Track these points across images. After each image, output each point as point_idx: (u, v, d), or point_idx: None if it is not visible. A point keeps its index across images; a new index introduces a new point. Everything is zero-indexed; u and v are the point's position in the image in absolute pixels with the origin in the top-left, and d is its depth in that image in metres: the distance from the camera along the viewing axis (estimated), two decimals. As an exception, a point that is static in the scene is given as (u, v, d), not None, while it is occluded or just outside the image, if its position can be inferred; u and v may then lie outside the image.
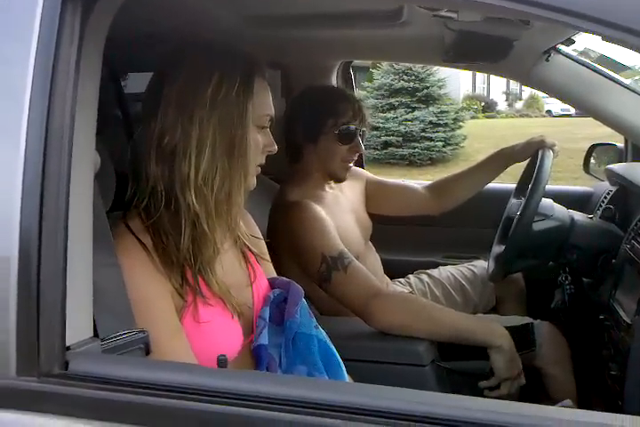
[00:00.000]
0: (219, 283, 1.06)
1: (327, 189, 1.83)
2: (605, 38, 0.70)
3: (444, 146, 12.02)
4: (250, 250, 1.20)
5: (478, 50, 1.69)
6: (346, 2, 1.51)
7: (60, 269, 0.70)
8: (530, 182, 1.68)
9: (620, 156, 2.17)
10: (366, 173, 2.12)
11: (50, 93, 0.73)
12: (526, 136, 1.99)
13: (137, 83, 1.99)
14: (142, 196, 1.04)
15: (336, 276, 1.54)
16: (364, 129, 1.80)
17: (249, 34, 1.69)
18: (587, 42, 2.14)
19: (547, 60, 1.83)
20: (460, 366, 1.54)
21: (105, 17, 0.83)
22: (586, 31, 0.68)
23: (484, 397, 1.49)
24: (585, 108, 1.94)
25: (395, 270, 2.08)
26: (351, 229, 1.82)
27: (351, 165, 1.82)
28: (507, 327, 1.54)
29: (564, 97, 2.03)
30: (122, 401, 0.69)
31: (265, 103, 1.09)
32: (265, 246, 1.29)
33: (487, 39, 1.57)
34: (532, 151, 1.86)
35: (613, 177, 1.89)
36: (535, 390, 1.69)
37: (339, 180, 1.82)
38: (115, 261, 0.91)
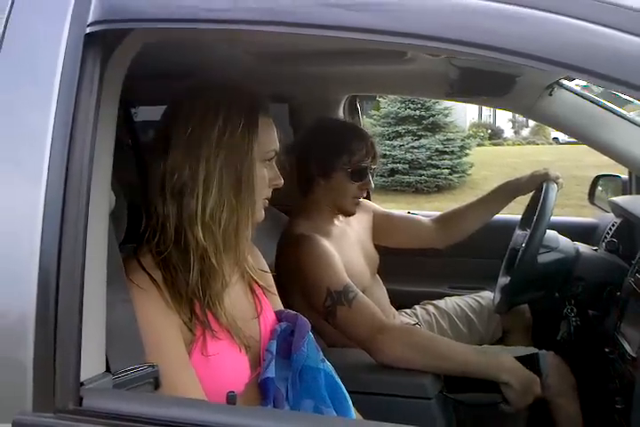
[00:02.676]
0: (226, 316, 1.08)
1: (335, 222, 1.86)
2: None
3: (450, 173, 12.07)
4: (257, 283, 1.22)
5: (481, 85, 1.73)
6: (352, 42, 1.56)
7: (76, 307, 0.73)
8: (534, 214, 1.70)
9: (625, 187, 2.20)
10: (373, 205, 2.15)
11: (70, 138, 0.76)
12: (533, 163, 2.03)
13: (147, 112, 2.04)
14: (153, 232, 1.07)
15: (341, 310, 1.55)
16: (375, 166, 1.84)
17: (259, 70, 1.75)
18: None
19: (550, 94, 1.88)
20: (467, 398, 1.54)
21: (123, 62, 0.87)
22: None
23: (492, 429, 1.50)
24: (588, 142, 1.97)
25: (401, 301, 2.09)
26: (358, 262, 1.84)
27: (360, 200, 1.85)
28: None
29: (567, 130, 2.07)
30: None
31: (270, 139, 1.12)
32: (272, 280, 1.31)
33: (490, 75, 1.61)
34: (537, 184, 1.88)
35: (617, 209, 1.91)
36: (543, 421, 1.68)
37: (348, 214, 1.85)
38: (127, 296, 0.94)
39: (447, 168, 12.04)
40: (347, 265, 1.68)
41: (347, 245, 1.81)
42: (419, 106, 12.11)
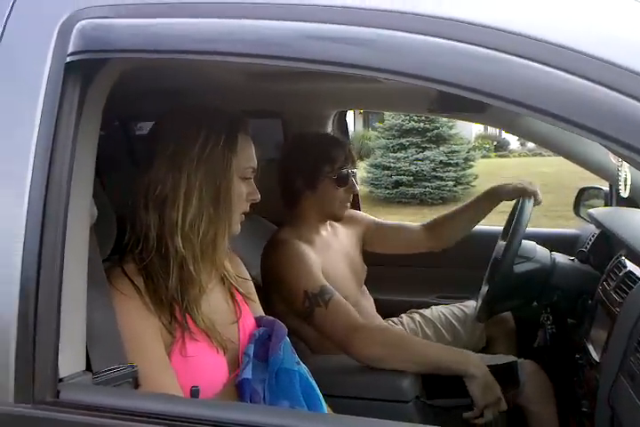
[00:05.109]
0: (204, 320, 1.15)
1: (322, 232, 1.93)
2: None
3: (455, 185, 12.10)
4: (237, 290, 1.30)
5: (461, 102, 1.80)
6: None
7: (55, 310, 0.81)
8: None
9: (607, 199, 2.26)
10: (363, 215, 2.21)
11: (51, 153, 0.84)
12: (538, 175, 2.08)
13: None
14: (137, 241, 1.15)
15: (318, 311, 1.62)
16: (355, 170, 1.92)
17: (250, 87, 1.83)
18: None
19: (528, 110, 1.94)
20: (443, 403, 1.60)
21: (103, 86, 0.94)
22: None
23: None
24: (567, 155, 2.04)
25: (388, 310, 2.14)
26: (342, 272, 1.90)
27: (348, 204, 1.92)
28: (491, 366, 1.60)
29: (548, 145, 2.14)
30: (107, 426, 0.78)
31: (248, 157, 1.21)
32: (252, 287, 1.38)
33: (468, 93, 1.68)
34: (517, 195, 1.95)
35: (593, 221, 1.97)
36: (519, 427, 1.73)
37: (337, 219, 1.93)
38: (109, 302, 1.01)
39: (452, 180, 12.07)
40: (329, 274, 1.75)
41: (331, 255, 1.88)
42: (422, 118, 12.17)
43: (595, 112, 0.72)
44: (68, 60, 0.83)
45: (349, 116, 2.54)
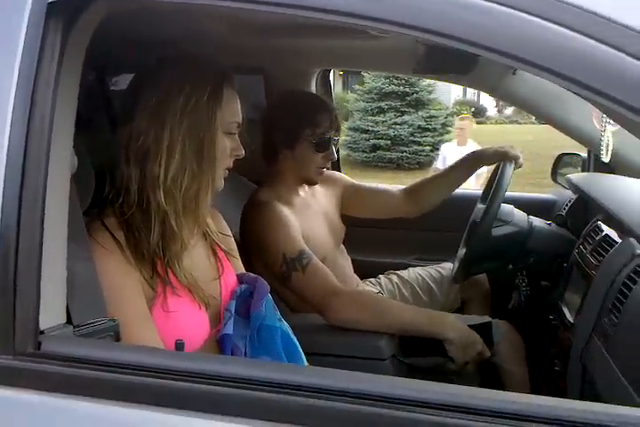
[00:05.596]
0: (186, 275, 1.14)
1: (300, 192, 1.92)
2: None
3: (432, 150, 12.13)
4: (219, 246, 1.29)
5: (446, 63, 1.78)
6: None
7: (35, 260, 0.79)
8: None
9: (584, 165, 2.28)
10: (343, 176, 2.20)
11: (31, 101, 0.81)
12: (514, 142, 2.07)
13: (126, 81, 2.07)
14: (117, 195, 1.12)
15: (295, 275, 1.63)
16: (338, 137, 1.90)
17: (233, 42, 1.78)
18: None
19: (513, 73, 1.93)
20: (419, 362, 1.63)
21: (86, 30, 0.90)
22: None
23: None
24: (548, 120, 2.04)
25: (366, 271, 2.16)
26: (320, 232, 1.90)
27: (324, 169, 1.90)
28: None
29: (529, 109, 2.14)
30: (88, 377, 0.77)
31: (233, 111, 1.18)
32: (234, 244, 1.37)
33: (454, 53, 1.66)
34: (499, 159, 1.95)
35: (571, 186, 1.99)
36: (493, 386, 1.77)
37: (311, 183, 1.91)
38: (89, 255, 1.00)
39: (429, 145, 12.10)
40: (308, 234, 1.75)
41: (309, 215, 1.88)
42: (403, 82, 12.10)
43: (583, 64, 0.71)
44: (50, 0, 0.79)
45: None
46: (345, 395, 0.72)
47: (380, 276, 2.20)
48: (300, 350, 1.26)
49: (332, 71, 2.68)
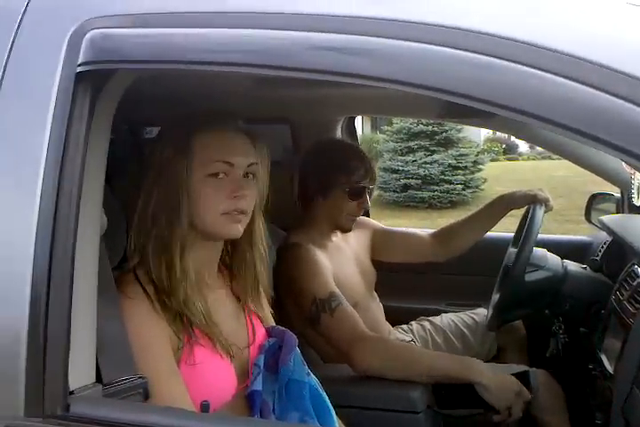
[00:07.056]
0: (205, 318, 1.12)
1: (332, 237, 1.93)
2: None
3: (463, 189, 12.06)
4: (254, 312, 1.28)
5: (471, 108, 1.79)
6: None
7: (65, 321, 0.80)
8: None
9: (618, 206, 2.23)
10: (372, 222, 2.20)
11: (61, 162, 0.84)
12: (547, 179, 2.05)
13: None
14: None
15: (324, 318, 1.62)
16: (373, 186, 1.91)
17: (257, 94, 1.82)
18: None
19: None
20: (456, 413, 1.58)
21: (113, 96, 0.94)
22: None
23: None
24: (575, 160, 2.02)
25: (398, 317, 2.13)
26: (352, 276, 1.90)
27: (357, 218, 1.91)
28: None
29: (559, 151, 2.12)
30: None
31: (218, 150, 1.13)
32: (264, 296, 1.37)
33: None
34: (528, 202, 1.93)
35: (605, 228, 1.95)
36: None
37: (344, 230, 1.92)
38: (117, 312, 1.01)
39: (460, 183, 12.03)
40: (340, 278, 1.75)
41: (341, 260, 1.88)
42: (431, 121, 12.15)
43: (604, 122, 0.71)
44: (79, 70, 0.83)
45: (357, 119, 2.52)
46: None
47: (412, 322, 2.17)
48: (329, 405, 1.23)
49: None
